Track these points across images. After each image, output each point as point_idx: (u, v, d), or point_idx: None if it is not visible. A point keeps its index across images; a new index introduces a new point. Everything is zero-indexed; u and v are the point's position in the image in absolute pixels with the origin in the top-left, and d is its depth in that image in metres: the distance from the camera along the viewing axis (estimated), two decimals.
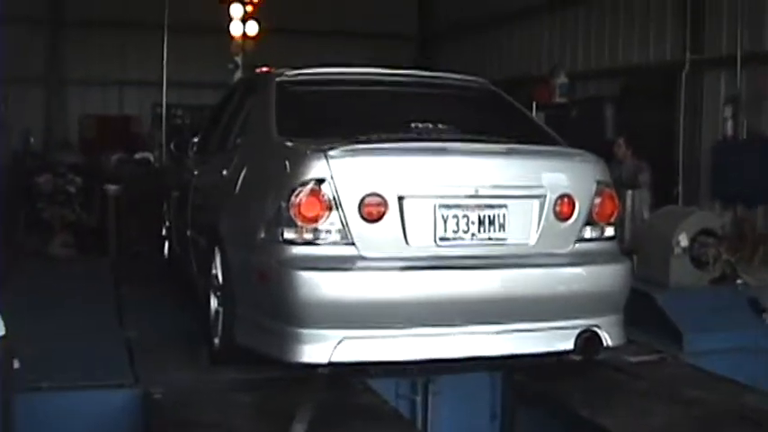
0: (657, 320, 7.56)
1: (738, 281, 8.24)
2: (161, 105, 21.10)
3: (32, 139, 21.48)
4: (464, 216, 5.60)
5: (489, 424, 6.79)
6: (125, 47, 23.94)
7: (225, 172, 6.65)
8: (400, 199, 5.46)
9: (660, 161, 14.81)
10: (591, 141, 8.29)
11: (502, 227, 5.69)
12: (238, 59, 19.01)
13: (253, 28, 19.19)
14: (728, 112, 14.26)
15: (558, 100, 18.41)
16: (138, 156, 18.32)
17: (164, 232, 9.80)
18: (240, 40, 19.17)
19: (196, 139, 8.72)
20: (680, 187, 15.06)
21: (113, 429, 5.54)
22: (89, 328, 6.69)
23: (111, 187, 14.41)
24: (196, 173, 8.03)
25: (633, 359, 6.88)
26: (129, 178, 14.84)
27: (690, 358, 7.16)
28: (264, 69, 7.36)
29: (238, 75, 18.01)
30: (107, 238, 13.64)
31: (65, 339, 6.28)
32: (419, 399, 6.49)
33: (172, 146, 9.69)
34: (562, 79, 18.48)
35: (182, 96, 23.68)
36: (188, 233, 7.84)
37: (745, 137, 14.05)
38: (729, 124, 14.26)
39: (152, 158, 18.17)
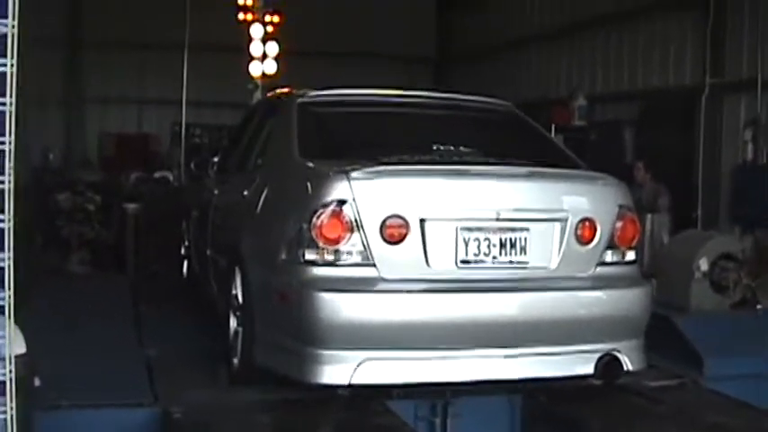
0: (677, 345, 7.52)
1: (759, 306, 8.21)
2: (180, 124, 21.17)
3: (51, 156, 21.55)
4: (486, 239, 5.60)
5: None
6: (144, 66, 24.06)
7: (246, 192, 6.66)
8: (422, 221, 5.46)
9: (679, 185, 14.78)
10: (610, 164, 8.28)
11: (523, 250, 5.68)
12: (258, 80, 19.04)
13: (273, 49, 19.22)
14: (748, 135, 14.23)
15: (578, 123, 18.41)
16: (157, 174, 18.35)
17: (183, 251, 9.81)
18: (260, 61, 19.19)
19: (216, 159, 8.74)
20: (699, 211, 15.00)
21: None
22: (108, 347, 6.69)
23: (130, 206, 14.42)
24: (216, 192, 8.04)
25: (653, 384, 6.84)
26: (148, 197, 14.86)
27: (710, 383, 7.11)
28: (281, 90, 7.37)
29: (257, 95, 18.03)
30: (125, 256, 13.65)
31: (84, 357, 6.28)
32: (438, 421, 6.46)
33: (192, 165, 9.72)
34: (581, 102, 18.49)
35: (200, 115, 23.76)
36: (208, 252, 7.85)
37: (765, 161, 14.00)
38: (749, 148, 14.23)
39: (171, 177, 18.21)
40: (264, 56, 19.15)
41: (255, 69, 18.96)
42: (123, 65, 23.89)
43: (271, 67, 18.90)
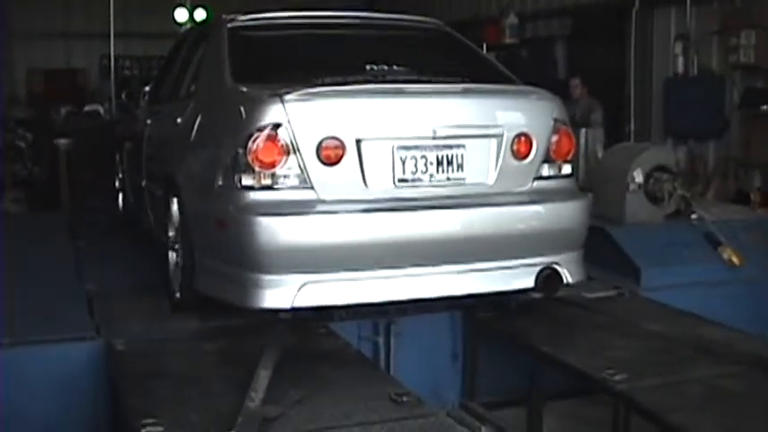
0: (614, 256, 7.62)
1: (693, 216, 8.31)
2: (109, 57, 20.82)
3: None
4: (422, 157, 5.59)
5: (451, 363, 6.86)
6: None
7: (179, 120, 6.59)
8: (358, 142, 5.43)
9: (612, 99, 14.89)
10: (543, 81, 8.27)
11: (460, 167, 5.69)
12: (186, 8, 18.80)
13: None
14: (679, 48, 14.31)
15: (509, 40, 18.41)
16: (87, 108, 18.07)
17: (117, 184, 9.72)
18: None
19: (147, 89, 8.64)
20: (632, 125, 15.11)
21: (77, 382, 5.52)
22: (47, 283, 6.63)
23: (62, 141, 14.23)
24: (149, 122, 7.95)
25: (592, 295, 6.96)
26: (80, 131, 14.65)
27: (647, 293, 7.24)
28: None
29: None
30: (60, 193, 13.50)
31: (23, 294, 6.22)
32: (381, 340, 6.54)
33: (123, 96, 9.62)
34: (512, 20, 18.47)
35: (129, 47, 23.40)
36: (143, 184, 7.78)
37: (695, 73, 14.12)
38: (680, 61, 14.32)
39: (102, 111, 17.94)
40: None
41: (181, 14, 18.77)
42: None
43: (200, 14, 18.71)
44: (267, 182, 5.34)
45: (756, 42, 12.47)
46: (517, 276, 5.82)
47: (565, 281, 5.92)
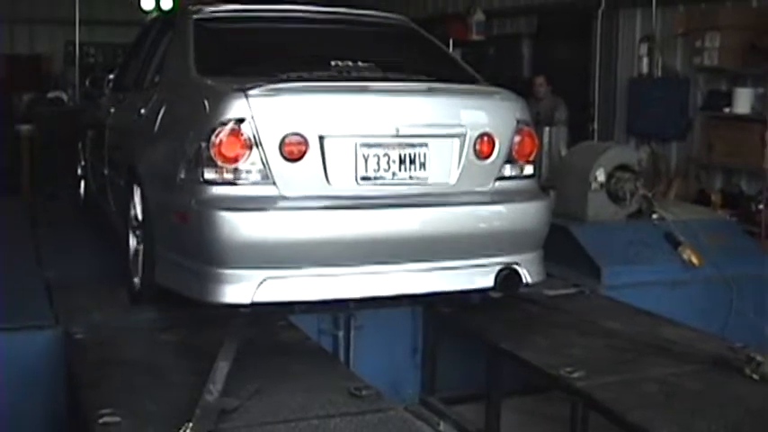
0: (575, 255, 7.68)
1: (654, 215, 8.37)
2: (73, 44, 20.67)
3: None
4: (385, 155, 5.60)
5: (411, 357, 6.91)
6: None
7: (143, 110, 6.56)
8: (321, 138, 5.43)
9: (576, 98, 14.95)
10: (508, 79, 8.33)
11: (423, 166, 5.70)
12: None
13: None
14: (644, 49, 14.36)
15: (475, 37, 18.43)
16: (50, 95, 17.95)
17: (79, 172, 9.68)
18: None
19: (112, 77, 8.60)
20: (596, 124, 15.17)
21: (35, 371, 5.50)
22: (6, 270, 6.59)
23: (24, 127, 14.15)
24: (112, 111, 7.92)
25: (552, 293, 7.01)
26: (43, 118, 14.56)
27: (608, 291, 7.31)
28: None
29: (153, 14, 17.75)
30: (21, 179, 13.43)
31: None
32: (341, 334, 6.58)
33: (87, 82, 9.53)
34: (479, 16, 18.48)
35: (94, 34, 23.21)
36: (105, 172, 7.75)
37: (659, 74, 14.20)
38: (644, 62, 14.38)
39: (65, 97, 17.82)
40: None
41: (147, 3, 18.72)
42: None
43: (167, 3, 18.66)
44: (229, 176, 5.33)
45: (720, 45, 12.54)
46: (477, 275, 5.84)
47: (524, 281, 5.95)
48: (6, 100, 17.97)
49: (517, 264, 5.91)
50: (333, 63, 6.08)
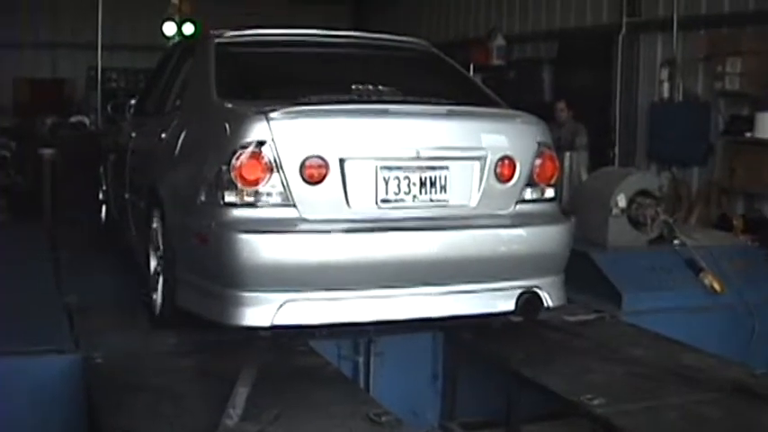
0: (596, 280, 7.63)
1: (675, 241, 8.34)
2: (95, 68, 20.77)
3: None
4: (405, 178, 5.60)
5: (431, 383, 6.87)
6: (58, 9, 23.55)
7: (164, 134, 6.59)
8: (342, 161, 5.44)
9: (597, 123, 14.92)
10: (529, 103, 8.31)
11: (443, 189, 5.69)
12: (175, 22, 18.79)
13: None
14: (665, 74, 14.34)
15: (496, 62, 18.44)
16: (73, 119, 18.03)
17: (101, 196, 9.71)
18: (177, 3, 18.94)
19: (133, 102, 8.63)
20: (616, 149, 15.15)
21: (54, 395, 5.49)
22: (27, 294, 6.61)
23: (46, 151, 14.18)
24: (134, 135, 7.95)
25: (573, 318, 6.97)
26: (65, 142, 14.62)
27: (628, 318, 7.26)
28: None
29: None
30: (42, 203, 13.46)
31: (2, 305, 6.19)
32: (361, 360, 6.54)
33: (109, 108, 9.58)
34: (500, 41, 18.50)
35: (116, 59, 23.31)
36: (126, 196, 7.77)
37: (681, 99, 14.16)
38: (665, 87, 14.36)
39: (87, 122, 17.90)
40: None
41: (172, 11, 18.76)
42: (36, 8, 23.37)
43: (187, 8, 18.71)
44: (250, 199, 5.34)
45: (742, 70, 12.50)
46: (497, 299, 5.83)
47: (545, 305, 5.93)
48: (29, 123, 18.07)
49: (538, 287, 5.90)
50: (353, 87, 6.09)
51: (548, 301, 5.94)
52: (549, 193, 6.10)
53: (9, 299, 6.40)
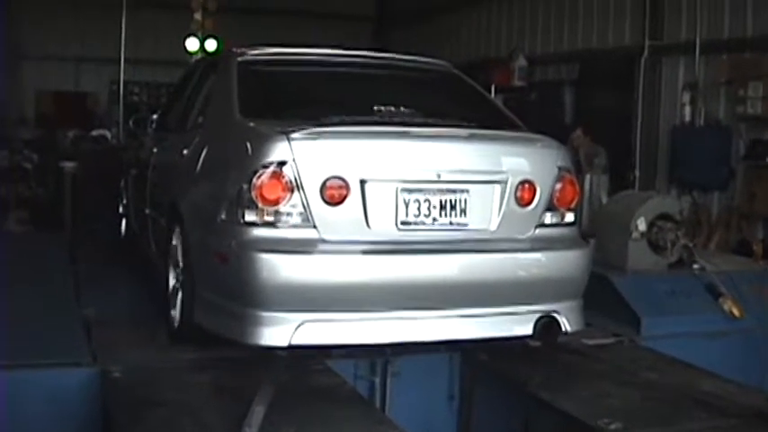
0: (615, 304, 7.61)
1: (695, 266, 8.31)
2: (118, 82, 20.90)
3: None
4: (426, 200, 5.60)
5: (447, 404, 6.84)
6: (82, 23, 23.69)
7: (186, 151, 6.61)
8: (362, 182, 5.44)
9: (618, 146, 14.92)
10: (550, 125, 8.33)
11: (463, 212, 5.69)
12: (198, 38, 18.90)
13: (212, 4, 19.06)
14: (686, 98, 14.35)
15: (517, 83, 18.47)
16: (94, 133, 18.15)
17: (121, 210, 9.74)
18: (200, 19, 19.05)
19: (155, 117, 8.67)
20: (637, 172, 15.14)
21: (71, 408, 5.50)
22: (45, 306, 6.62)
23: (68, 164, 14.26)
24: (155, 150, 7.98)
25: (591, 342, 6.94)
26: (86, 155, 14.70)
27: (647, 342, 7.23)
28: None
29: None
30: (63, 215, 13.52)
31: (21, 317, 6.21)
32: (378, 380, 6.52)
33: (131, 122, 9.62)
34: (521, 62, 18.55)
35: (138, 74, 23.46)
36: (147, 211, 7.80)
37: (702, 123, 14.15)
38: (687, 110, 14.36)
39: (109, 136, 18.01)
40: (204, 10, 19.00)
41: (195, 27, 18.87)
42: (61, 22, 23.53)
43: (210, 25, 18.81)
44: (270, 218, 5.35)
45: (764, 94, 12.49)
46: (516, 323, 5.81)
47: (563, 330, 5.91)
48: (51, 136, 18.19)
49: (557, 312, 5.88)
50: (375, 108, 6.11)
51: (566, 325, 5.92)
52: (569, 217, 6.09)
53: (28, 310, 6.41)
